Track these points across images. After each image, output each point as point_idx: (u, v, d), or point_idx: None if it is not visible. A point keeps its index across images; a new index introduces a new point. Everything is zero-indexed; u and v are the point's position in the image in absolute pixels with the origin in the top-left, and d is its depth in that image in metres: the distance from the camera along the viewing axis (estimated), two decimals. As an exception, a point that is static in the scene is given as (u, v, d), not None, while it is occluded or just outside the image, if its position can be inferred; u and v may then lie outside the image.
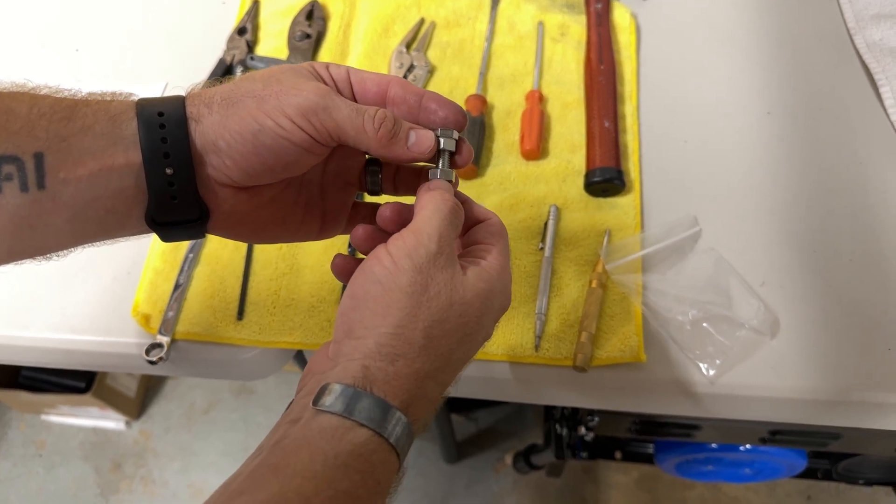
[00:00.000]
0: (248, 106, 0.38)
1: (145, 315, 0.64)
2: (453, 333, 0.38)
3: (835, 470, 1.06)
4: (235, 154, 0.38)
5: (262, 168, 0.39)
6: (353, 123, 0.39)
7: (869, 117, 0.71)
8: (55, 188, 0.36)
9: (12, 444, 1.62)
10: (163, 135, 0.37)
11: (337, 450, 0.34)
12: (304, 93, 0.38)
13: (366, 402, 0.35)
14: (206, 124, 0.38)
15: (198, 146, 0.38)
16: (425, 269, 0.37)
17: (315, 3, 0.82)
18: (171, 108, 0.38)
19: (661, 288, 0.62)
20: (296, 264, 0.67)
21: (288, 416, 0.37)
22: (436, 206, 0.40)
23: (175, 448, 1.59)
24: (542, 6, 0.81)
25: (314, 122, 0.38)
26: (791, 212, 0.67)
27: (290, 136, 0.38)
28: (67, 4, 0.87)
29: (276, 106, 0.38)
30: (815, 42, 0.77)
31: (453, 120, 0.42)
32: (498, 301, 0.41)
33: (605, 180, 0.67)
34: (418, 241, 0.38)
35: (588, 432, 0.97)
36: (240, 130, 0.38)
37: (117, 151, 0.37)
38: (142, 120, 0.38)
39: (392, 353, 0.36)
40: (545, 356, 0.61)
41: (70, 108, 0.37)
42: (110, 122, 0.37)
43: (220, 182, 0.40)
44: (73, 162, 0.36)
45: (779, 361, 0.60)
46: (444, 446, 1.46)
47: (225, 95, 0.39)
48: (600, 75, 0.73)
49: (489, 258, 0.42)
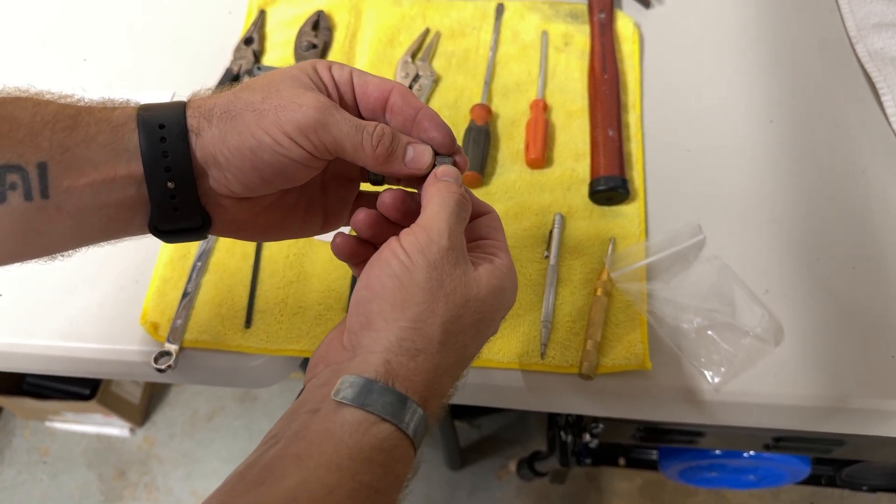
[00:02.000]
0: (246, 121, 0.38)
1: (154, 323, 0.65)
2: (469, 329, 0.39)
3: (838, 476, 1.06)
4: (234, 169, 0.39)
5: (261, 181, 0.40)
6: (352, 141, 0.39)
7: (871, 126, 0.72)
8: (58, 197, 0.37)
9: (16, 452, 1.62)
10: (164, 148, 0.38)
11: (361, 444, 0.34)
12: (303, 109, 0.38)
13: (389, 397, 0.35)
14: (206, 138, 0.39)
15: (199, 159, 0.39)
16: (439, 265, 0.38)
17: (321, 14, 0.83)
18: (172, 120, 0.39)
19: (665, 296, 0.62)
20: (303, 273, 0.67)
21: (304, 404, 0.37)
22: (443, 199, 0.40)
23: (179, 455, 1.59)
24: (546, 16, 0.82)
25: (312, 140, 0.38)
26: (794, 220, 0.67)
27: (287, 154, 0.39)
28: (74, 14, 0.88)
29: (275, 122, 0.38)
30: (817, 51, 0.78)
31: (439, 143, 0.42)
32: (508, 298, 0.42)
33: (609, 189, 0.67)
34: (430, 238, 0.38)
35: (592, 439, 0.97)
36: (238, 146, 0.38)
37: (119, 163, 0.38)
38: (143, 132, 0.38)
39: (413, 347, 0.37)
40: (551, 364, 0.61)
41: (73, 118, 0.38)
42: (112, 133, 0.38)
43: (221, 193, 0.41)
44: (76, 172, 0.37)
45: (782, 368, 0.60)
46: (447, 453, 1.46)
47: (224, 108, 0.39)
48: (604, 84, 0.74)
49: (497, 253, 0.42)
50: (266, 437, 0.37)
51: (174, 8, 0.88)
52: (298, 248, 0.68)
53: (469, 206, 0.42)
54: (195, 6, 0.87)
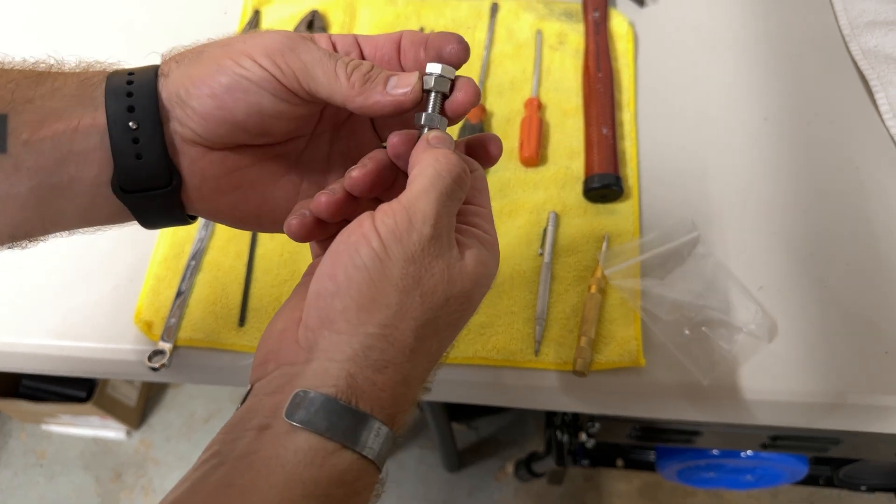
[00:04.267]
0: (213, 52, 0.35)
1: (147, 322, 0.65)
2: (445, 329, 0.34)
3: (836, 476, 1.06)
4: (194, 101, 0.35)
5: (220, 113, 0.35)
6: (324, 67, 0.35)
7: (864, 123, 0.72)
8: (17, 152, 0.34)
9: (13, 454, 1.62)
10: (129, 90, 0.35)
11: (318, 478, 0.30)
12: (274, 35, 0.35)
13: (350, 419, 0.31)
14: (172, 77, 0.36)
15: (164, 101, 0.35)
16: (418, 258, 0.32)
17: (315, 13, 0.83)
18: (143, 70, 0.36)
19: (659, 293, 0.62)
20: (297, 271, 0.67)
21: (252, 415, 0.32)
22: (436, 173, 0.33)
23: (175, 457, 1.59)
24: (541, 15, 0.82)
25: (279, 63, 0.34)
26: (788, 217, 0.67)
27: (248, 75, 0.34)
28: (69, 12, 0.88)
29: (241, 48, 0.35)
30: (810, 49, 0.78)
31: (455, 52, 0.36)
32: (491, 276, 0.36)
33: (603, 186, 0.67)
34: (410, 223, 0.32)
35: (589, 439, 0.97)
36: (199, 74, 0.35)
37: (85, 112, 0.35)
38: (111, 80, 0.36)
39: (381, 359, 0.32)
40: (545, 361, 0.61)
41: (41, 75, 0.35)
42: (80, 85, 0.35)
43: (186, 139, 0.36)
44: (37, 123, 0.34)
45: (777, 365, 0.60)
46: (444, 455, 1.46)
47: (196, 49, 0.37)
48: (598, 83, 0.74)
49: (483, 226, 0.36)
50: (208, 452, 0.31)
51: (169, 7, 0.88)
52: (293, 245, 0.68)
53: (468, 182, 0.35)
54: (190, 6, 0.88)
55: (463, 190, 0.35)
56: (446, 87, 0.36)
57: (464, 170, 0.35)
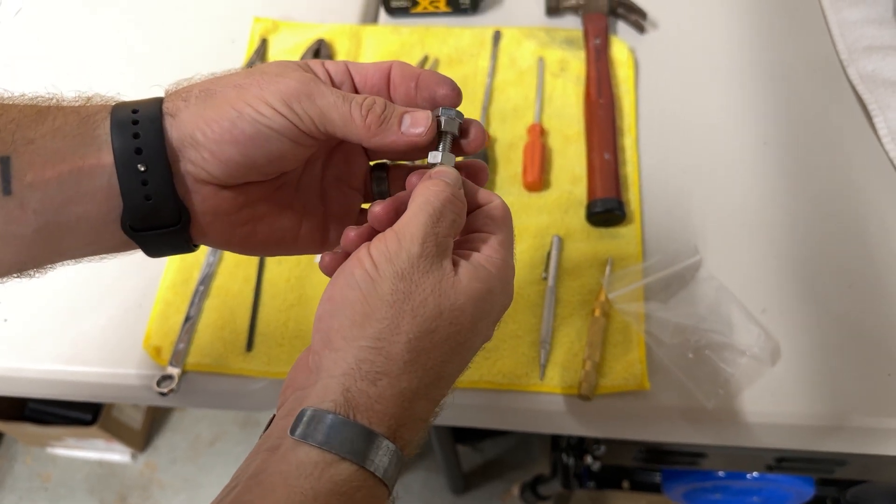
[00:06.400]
0: (227, 95, 0.36)
1: (156, 347, 0.65)
2: (444, 344, 0.34)
3: (843, 498, 1.05)
4: (213, 145, 0.35)
5: (242, 159, 0.36)
6: (340, 111, 0.36)
7: (863, 146, 0.73)
8: (22, 193, 0.34)
9: (18, 478, 1.62)
10: (135, 131, 0.35)
11: (316, 489, 0.30)
12: (287, 80, 0.36)
13: (347, 432, 0.32)
14: (182, 118, 0.36)
15: (174, 141, 0.36)
16: (407, 275, 0.33)
17: (322, 42, 0.85)
18: (147, 106, 0.36)
19: (663, 316, 0.63)
20: (304, 295, 0.68)
21: (267, 439, 0.34)
22: (425, 199, 0.35)
23: (180, 480, 1.58)
24: (543, 42, 0.83)
25: (296, 109, 0.35)
26: (790, 239, 0.68)
27: (269, 124, 0.35)
28: (76, 42, 0.90)
29: (257, 94, 0.35)
30: (808, 74, 0.79)
31: (445, 96, 0.38)
32: (498, 301, 0.36)
33: (606, 211, 0.68)
34: (400, 244, 0.34)
35: (595, 461, 0.97)
36: (217, 119, 0.35)
37: (88, 152, 0.35)
38: (115, 118, 0.35)
39: (373, 371, 0.33)
40: (550, 385, 0.61)
41: (40, 112, 0.35)
42: (82, 123, 0.35)
43: (199, 179, 0.37)
44: (41, 164, 0.34)
45: (780, 387, 0.60)
46: (450, 477, 1.45)
47: (203, 88, 0.36)
48: (600, 109, 0.75)
49: (485, 249, 0.37)
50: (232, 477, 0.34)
51: (177, 37, 0.89)
52: (300, 270, 0.69)
53: (463, 207, 0.37)
54: (198, 35, 0.89)
55: (454, 211, 0.36)
56: (456, 127, 0.38)
57: (452, 195, 0.36)
